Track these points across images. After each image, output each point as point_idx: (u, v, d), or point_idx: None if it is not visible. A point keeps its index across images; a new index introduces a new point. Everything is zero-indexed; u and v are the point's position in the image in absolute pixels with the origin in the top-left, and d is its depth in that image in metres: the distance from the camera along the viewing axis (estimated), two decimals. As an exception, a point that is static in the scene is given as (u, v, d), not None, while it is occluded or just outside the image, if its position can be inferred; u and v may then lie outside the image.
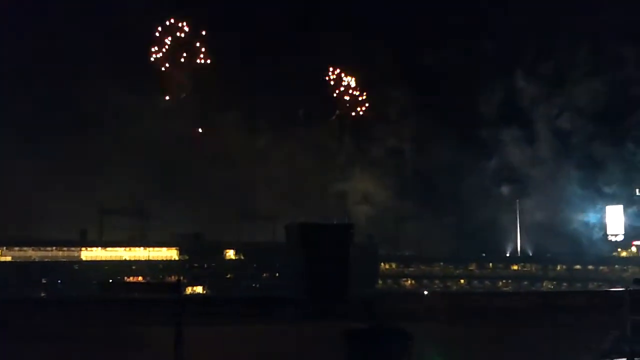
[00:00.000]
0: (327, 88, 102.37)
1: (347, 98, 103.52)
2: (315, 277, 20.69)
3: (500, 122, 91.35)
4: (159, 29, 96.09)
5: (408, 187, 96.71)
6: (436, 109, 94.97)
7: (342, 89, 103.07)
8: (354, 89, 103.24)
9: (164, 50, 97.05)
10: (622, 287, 15.28)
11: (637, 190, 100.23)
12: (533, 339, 16.30)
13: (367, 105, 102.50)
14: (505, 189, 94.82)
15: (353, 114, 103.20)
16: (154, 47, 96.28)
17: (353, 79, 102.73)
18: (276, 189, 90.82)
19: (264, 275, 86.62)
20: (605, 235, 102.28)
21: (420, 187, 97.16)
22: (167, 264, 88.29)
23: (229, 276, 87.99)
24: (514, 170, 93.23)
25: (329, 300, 19.27)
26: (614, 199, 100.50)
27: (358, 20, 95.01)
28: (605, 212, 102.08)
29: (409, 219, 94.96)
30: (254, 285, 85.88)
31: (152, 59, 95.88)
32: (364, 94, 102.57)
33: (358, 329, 8.65)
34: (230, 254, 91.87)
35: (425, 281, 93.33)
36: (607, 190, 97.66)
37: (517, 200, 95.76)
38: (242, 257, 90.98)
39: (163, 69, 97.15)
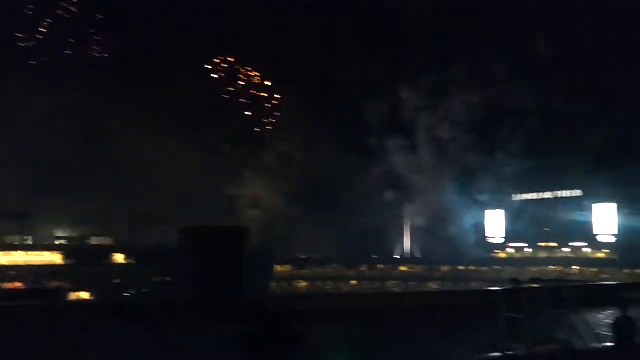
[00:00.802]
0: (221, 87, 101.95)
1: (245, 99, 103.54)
2: (208, 281, 20.36)
3: (387, 130, 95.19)
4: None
5: (299, 192, 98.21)
6: (326, 116, 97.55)
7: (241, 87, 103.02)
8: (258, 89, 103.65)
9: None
10: (499, 287, 16.35)
11: (515, 195, 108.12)
12: (421, 337, 17.01)
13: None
14: (392, 195, 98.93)
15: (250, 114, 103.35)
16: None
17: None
18: (167, 192, 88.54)
19: (155, 280, 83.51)
20: (486, 237, 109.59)
21: (311, 192, 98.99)
22: (50, 269, 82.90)
23: (117, 281, 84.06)
24: (400, 177, 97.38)
25: (222, 305, 19.02)
26: (493, 205, 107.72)
27: (251, 22, 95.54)
28: (485, 216, 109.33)
29: (301, 222, 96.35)
30: (144, 290, 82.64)
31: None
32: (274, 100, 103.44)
33: (250, 333, 8.57)
34: (119, 258, 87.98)
35: (318, 282, 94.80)
36: (486, 196, 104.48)
37: (405, 205, 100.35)
38: (132, 262, 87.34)
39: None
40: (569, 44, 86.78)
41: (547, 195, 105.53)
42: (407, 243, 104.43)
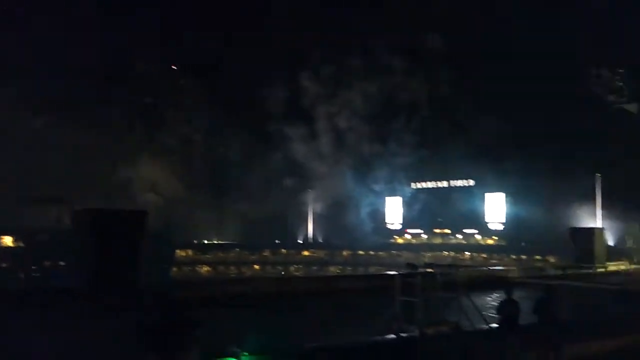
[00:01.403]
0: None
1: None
2: (104, 266, 19.59)
3: (290, 117, 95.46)
4: None
5: (200, 177, 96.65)
6: (229, 101, 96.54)
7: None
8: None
9: None
10: (396, 271, 17.00)
11: (412, 184, 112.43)
12: (321, 320, 17.37)
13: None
14: (294, 181, 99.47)
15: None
16: None
17: None
18: (60, 172, 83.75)
19: (47, 263, 78.96)
20: (384, 224, 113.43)
21: (212, 177, 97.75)
22: None
23: (4, 265, 78.74)
24: (302, 164, 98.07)
25: (119, 291, 18.40)
26: (392, 192, 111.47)
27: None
28: (384, 203, 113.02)
29: (202, 207, 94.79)
30: (34, 275, 78.01)
31: None
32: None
33: (148, 320, 8.38)
34: (7, 240, 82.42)
35: (221, 267, 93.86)
36: (385, 184, 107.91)
37: (308, 191, 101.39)
38: (21, 244, 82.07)
39: None
40: (461, 36, 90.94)
41: (443, 184, 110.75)
42: (310, 228, 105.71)
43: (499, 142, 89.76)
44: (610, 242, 64.35)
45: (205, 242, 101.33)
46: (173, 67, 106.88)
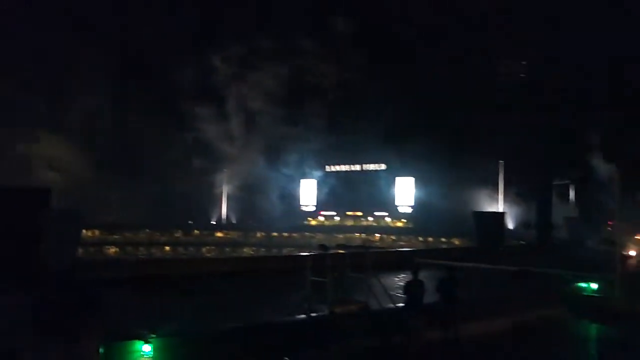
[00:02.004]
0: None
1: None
2: (4, 245, 18.52)
3: (200, 98, 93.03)
4: None
5: (109, 155, 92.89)
6: (135, 77, 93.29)
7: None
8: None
9: None
10: (308, 252, 17.28)
11: (327, 167, 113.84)
12: (233, 301, 17.35)
13: None
14: (208, 162, 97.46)
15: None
16: None
17: None
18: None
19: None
20: (299, 206, 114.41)
21: (122, 156, 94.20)
22: None
23: None
24: (216, 145, 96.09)
25: (19, 271, 17.49)
26: (307, 175, 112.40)
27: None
28: (300, 185, 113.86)
29: (112, 186, 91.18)
30: None
31: None
32: None
33: (48, 301, 8.10)
34: None
35: (129, 248, 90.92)
36: (300, 166, 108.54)
37: (223, 172, 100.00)
38: None
39: None
40: (371, 20, 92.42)
41: (356, 167, 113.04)
42: (223, 210, 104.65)
43: (409, 128, 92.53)
44: (510, 226, 68.52)
45: (113, 222, 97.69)
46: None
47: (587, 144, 74.61)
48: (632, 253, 27.46)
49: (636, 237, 41.18)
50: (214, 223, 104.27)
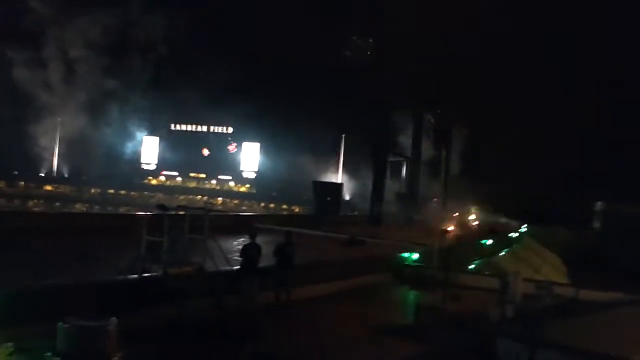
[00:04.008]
0: None
1: None
2: None
3: (15, 40, 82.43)
4: None
5: None
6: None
7: None
8: None
9: None
10: (146, 212, 16.82)
11: (173, 125, 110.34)
12: (62, 258, 16.35)
13: None
14: (36, 111, 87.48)
15: None
16: None
17: None
18: None
19: None
20: (140, 163, 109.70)
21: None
22: None
23: None
24: (42, 93, 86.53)
25: None
26: (149, 131, 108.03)
27: None
28: (142, 142, 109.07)
29: None
30: None
31: None
32: None
33: None
34: None
35: None
36: (144, 122, 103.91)
37: (58, 120, 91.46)
38: None
39: None
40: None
41: (203, 128, 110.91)
42: (55, 161, 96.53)
43: (259, 93, 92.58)
44: (347, 197, 71.93)
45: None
46: None
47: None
48: (450, 228, 30.46)
49: (454, 214, 45.71)
50: (43, 175, 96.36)
